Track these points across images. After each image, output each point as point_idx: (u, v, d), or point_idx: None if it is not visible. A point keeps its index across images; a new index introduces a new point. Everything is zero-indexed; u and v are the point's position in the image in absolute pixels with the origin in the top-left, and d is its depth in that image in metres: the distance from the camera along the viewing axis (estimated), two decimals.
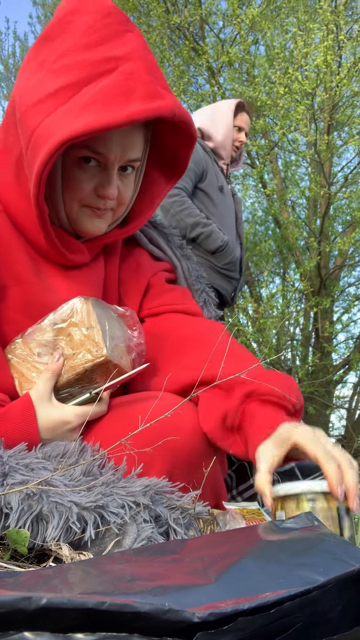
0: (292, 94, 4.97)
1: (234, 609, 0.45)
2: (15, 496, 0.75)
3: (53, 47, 0.91)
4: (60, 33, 0.92)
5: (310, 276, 6.21)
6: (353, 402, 7.24)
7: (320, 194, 5.88)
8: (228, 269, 2.57)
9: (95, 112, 0.85)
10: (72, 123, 0.84)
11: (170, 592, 0.48)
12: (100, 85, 0.87)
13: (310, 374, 6.43)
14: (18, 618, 0.43)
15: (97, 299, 1.01)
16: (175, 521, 0.83)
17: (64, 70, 0.88)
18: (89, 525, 0.76)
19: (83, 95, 0.86)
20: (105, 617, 0.44)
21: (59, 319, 0.97)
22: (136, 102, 0.87)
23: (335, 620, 0.51)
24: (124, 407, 0.99)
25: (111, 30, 0.91)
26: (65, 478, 0.81)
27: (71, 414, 0.94)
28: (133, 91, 0.87)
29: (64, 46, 0.90)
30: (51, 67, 0.90)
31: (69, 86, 0.88)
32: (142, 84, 0.88)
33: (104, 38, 0.90)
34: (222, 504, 1.08)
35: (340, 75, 4.90)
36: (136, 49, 0.91)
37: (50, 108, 0.87)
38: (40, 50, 0.93)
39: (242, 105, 2.68)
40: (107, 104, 0.85)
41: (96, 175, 0.97)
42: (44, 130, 0.86)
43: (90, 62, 0.88)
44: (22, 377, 0.97)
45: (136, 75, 0.88)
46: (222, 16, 6.04)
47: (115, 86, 0.87)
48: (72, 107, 0.86)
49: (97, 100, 0.86)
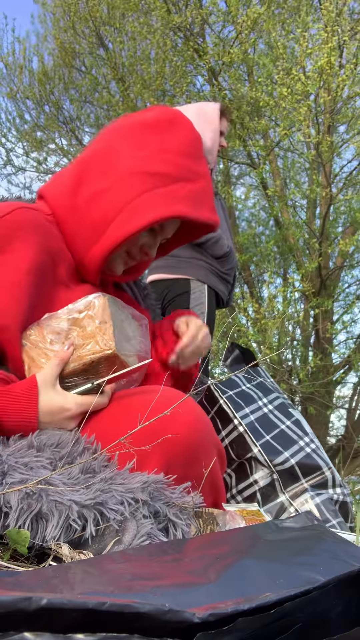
0: (294, 94, 4.97)
1: (234, 609, 0.45)
2: (14, 495, 0.75)
3: (157, 138, 1.19)
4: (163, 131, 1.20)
5: (310, 277, 6.21)
6: (353, 402, 7.23)
7: (321, 195, 5.88)
8: (228, 274, 2.61)
9: (186, 206, 1.16)
10: (174, 206, 1.13)
11: (170, 592, 0.48)
12: (187, 188, 1.17)
13: (310, 375, 6.42)
14: (18, 618, 0.43)
15: (115, 298, 1.09)
16: (175, 515, 0.83)
17: (166, 162, 1.16)
18: (88, 523, 0.76)
19: (178, 189, 1.16)
20: (105, 618, 0.43)
21: (75, 310, 1.02)
22: (207, 210, 1.21)
23: (335, 620, 0.51)
24: (123, 400, 1.03)
25: (199, 152, 1.23)
26: (64, 476, 0.82)
27: (72, 402, 0.99)
28: (205, 202, 1.21)
29: (167, 144, 1.18)
30: (155, 153, 1.16)
31: (168, 176, 1.15)
32: (209, 199, 1.22)
33: (196, 155, 1.21)
34: (220, 501, 1.08)
35: (342, 77, 4.90)
36: (208, 172, 1.24)
37: (150, 185, 1.13)
38: (144, 135, 1.19)
39: (223, 110, 2.71)
40: (194, 204, 1.17)
41: (148, 237, 1.22)
42: (146, 202, 1.12)
43: (186, 168, 1.17)
44: (32, 362, 1.01)
45: (208, 192, 1.22)
46: (223, 16, 6.03)
47: (198, 194, 1.18)
48: (172, 195, 1.14)
49: (188, 198, 1.16)
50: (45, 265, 1.10)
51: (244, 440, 1.56)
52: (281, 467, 1.52)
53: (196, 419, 0.97)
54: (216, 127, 2.65)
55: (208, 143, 2.65)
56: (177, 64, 6.29)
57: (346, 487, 1.60)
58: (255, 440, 1.54)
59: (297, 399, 6.83)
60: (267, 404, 1.67)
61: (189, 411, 0.97)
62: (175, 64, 6.30)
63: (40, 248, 1.09)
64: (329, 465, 1.57)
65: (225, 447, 1.59)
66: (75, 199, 1.17)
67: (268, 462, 1.49)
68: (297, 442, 1.59)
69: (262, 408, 1.64)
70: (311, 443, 1.59)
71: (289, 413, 1.68)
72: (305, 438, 1.59)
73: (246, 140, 6.15)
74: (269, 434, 1.58)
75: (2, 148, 7.05)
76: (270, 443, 1.56)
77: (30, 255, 1.07)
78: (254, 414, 1.60)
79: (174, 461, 0.93)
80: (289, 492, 1.49)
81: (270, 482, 1.50)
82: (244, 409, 1.61)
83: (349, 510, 1.54)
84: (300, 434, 1.61)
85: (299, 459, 1.54)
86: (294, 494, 1.48)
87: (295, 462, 1.52)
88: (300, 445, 1.58)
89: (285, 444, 1.57)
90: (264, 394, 1.70)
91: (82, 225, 1.15)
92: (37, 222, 1.12)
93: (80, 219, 1.16)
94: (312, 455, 1.56)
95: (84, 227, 1.15)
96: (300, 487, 1.50)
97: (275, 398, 1.72)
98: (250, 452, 1.53)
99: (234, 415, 1.58)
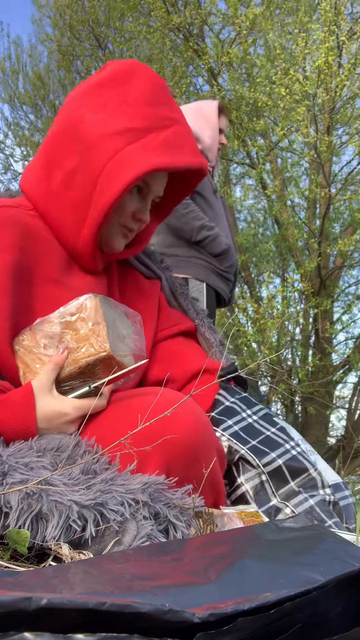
0: (292, 94, 4.97)
1: (234, 610, 0.45)
2: (14, 495, 0.75)
3: (116, 94, 1.10)
4: (121, 85, 1.11)
5: (310, 276, 6.21)
6: (353, 402, 7.24)
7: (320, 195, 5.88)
8: (228, 272, 2.59)
9: (166, 155, 1.08)
10: (149, 161, 1.05)
11: (170, 592, 0.48)
12: (162, 136, 1.09)
13: (310, 375, 6.42)
14: (18, 618, 0.43)
15: (106, 297, 1.06)
16: (175, 517, 0.83)
17: (132, 115, 1.08)
18: (89, 523, 0.76)
19: (152, 140, 1.08)
20: (105, 618, 0.43)
21: (67, 312, 1.00)
22: (188, 154, 1.12)
23: (335, 620, 0.51)
24: (123, 402, 1.02)
25: (165, 97, 1.15)
26: (64, 477, 0.82)
27: (70, 406, 0.97)
28: (185, 146, 1.12)
29: (127, 96, 1.10)
30: (117, 109, 1.08)
31: (137, 129, 1.07)
32: (188, 142, 1.15)
33: (162, 101, 1.13)
34: (221, 502, 1.08)
35: (341, 77, 4.90)
36: (182, 116, 1.17)
37: (122, 143, 1.06)
38: (102, 93, 1.11)
39: (221, 107, 2.70)
40: (172, 151, 1.09)
41: (136, 201, 1.15)
42: (121, 161, 1.04)
43: (154, 116, 1.09)
44: (26, 368, 1.00)
45: (185, 135, 1.14)
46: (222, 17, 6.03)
47: (174, 139, 1.10)
48: (146, 147, 1.06)
49: (164, 146, 1.08)
50: (24, 266, 1.06)
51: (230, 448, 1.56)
52: (269, 467, 1.52)
53: (196, 419, 0.97)
54: (215, 124, 2.65)
55: (207, 141, 2.64)
56: (176, 64, 6.28)
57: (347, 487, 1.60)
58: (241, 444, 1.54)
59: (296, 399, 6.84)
60: (252, 415, 1.67)
61: (189, 412, 0.96)
62: (174, 64, 6.30)
63: (15, 249, 1.05)
64: (315, 467, 1.57)
65: None
66: (49, 186, 1.12)
67: (256, 461, 1.50)
68: (283, 445, 1.60)
69: (247, 419, 1.64)
70: (297, 447, 1.60)
71: (273, 421, 1.68)
72: (291, 442, 1.60)
73: (245, 140, 6.14)
74: (255, 440, 1.58)
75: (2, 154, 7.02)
76: (256, 446, 1.56)
77: (4, 257, 1.04)
78: (237, 425, 1.60)
79: (174, 462, 0.93)
80: (281, 495, 1.49)
81: (260, 483, 1.50)
82: (226, 421, 1.61)
83: (341, 511, 1.54)
84: (285, 438, 1.61)
85: (285, 459, 1.54)
86: (285, 497, 1.48)
87: (282, 462, 1.53)
88: (286, 448, 1.59)
89: (271, 447, 1.57)
90: (247, 407, 1.70)
91: (64, 211, 1.11)
92: (9, 222, 1.08)
93: (61, 204, 1.11)
94: (298, 457, 1.57)
95: (66, 212, 1.10)
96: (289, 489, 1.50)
97: (260, 409, 1.72)
98: (238, 454, 1.53)
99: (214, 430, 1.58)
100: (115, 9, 6.48)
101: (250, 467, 1.50)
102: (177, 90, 6.10)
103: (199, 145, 2.64)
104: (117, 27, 6.57)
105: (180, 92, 6.09)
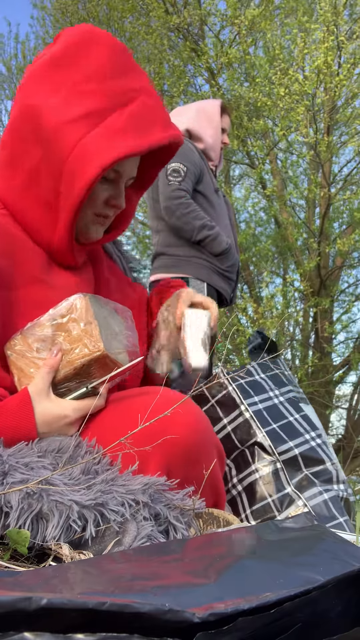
0: (292, 95, 4.97)
1: (234, 609, 0.45)
2: (15, 495, 0.75)
3: (70, 72, 1.00)
4: (75, 60, 1.01)
5: (310, 276, 6.21)
6: (353, 402, 7.24)
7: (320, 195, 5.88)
8: (229, 271, 2.58)
9: (132, 138, 0.98)
10: (114, 148, 0.96)
11: (170, 592, 0.48)
12: (126, 114, 0.99)
13: (310, 374, 6.42)
14: (18, 618, 0.43)
15: (95, 295, 1.04)
16: (176, 518, 0.83)
17: (90, 95, 0.99)
18: (89, 524, 0.76)
19: (115, 121, 0.98)
20: (105, 617, 0.43)
21: (57, 314, 0.99)
22: (158, 129, 1.02)
23: (335, 620, 0.51)
24: (123, 402, 1.01)
25: (127, 65, 1.04)
26: (65, 477, 0.82)
27: (69, 408, 0.97)
28: (154, 120, 1.02)
29: (84, 72, 1.00)
30: (74, 90, 0.99)
31: (98, 111, 0.98)
32: (158, 115, 1.04)
33: (123, 71, 1.02)
34: (221, 502, 1.08)
35: (340, 76, 4.90)
36: (147, 82, 1.05)
37: (83, 129, 0.97)
38: (55, 73, 1.01)
39: (224, 106, 2.69)
40: (139, 131, 0.99)
41: (109, 188, 1.07)
42: (84, 151, 0.96)
43: (114, 91, 1.00)
44: (21, 373, 0.99)
45: (152, 107, 1.03)
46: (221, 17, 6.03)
47: (140, 115, 1.00)
48: (109, 131, 0.97)
49: (130, 127, 0.99)
50: (4, 270, 1.01)
51: (249, 425, 1.56)
52: (285, 455, 1.52)
53: (196, 419, 0.97)
54: (217, 124, 2.64)
55: (209, 140, 2.64)
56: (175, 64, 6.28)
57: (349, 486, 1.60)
58: (261, 426, 1.54)
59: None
60: (278, 396, 1.67)
61: (189, 412, 0.96)
62: (173, 64, 6.30)
63: None
64: (333, 461, 1.57)
65: (228, 434, 1.58)
66: (14, 184, 1.05)
67: (272, 449, 1.49)
68: (303, 435, 1.59)
69: (273, 399, 1.64)
70: (317, 438, 1.59)
71: (299, 407, 1.68)
72: (312, 433, 1.59)
73: (245, 140, 6.15)
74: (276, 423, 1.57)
75: None
76: (276, 431, 1.56)
77: None
78: (262, 403, 1.60)
79: (174, 462, 0.93)
80: (294, 483, 1.49)
81: (274, 471, 1.50)
82: (252, 397, 1.61)
83: (351, 508, 1.55)
84: (307, 428, 1.61)
85: (303, 450, 1.54)
86: (299, 485, 1.49)
87: (298, 453, 1.52)
88: (305, 438, 1.58)
89: (290, 434, 1.57)
90: (276, 386, 1.69)
91: (33, 208, 1.04)
92: None
93: (29, 202, 1.04)
94: (316, 449, 1.56)
95: (36, 210, 1.04)
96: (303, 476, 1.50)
97: (288, 391, 1.72)
98: (255, 438, 1.53)
99: (241, 402, 1.57)
100: (115, 8, 6.48)
101: (266, 454, 1.50)
102: (175, 90, 6.10)
103: (200, 145, 2.64)
104: (117, 28, 6.57)
105: (178, 91, 6.09)
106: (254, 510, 1.50)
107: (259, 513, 1.49)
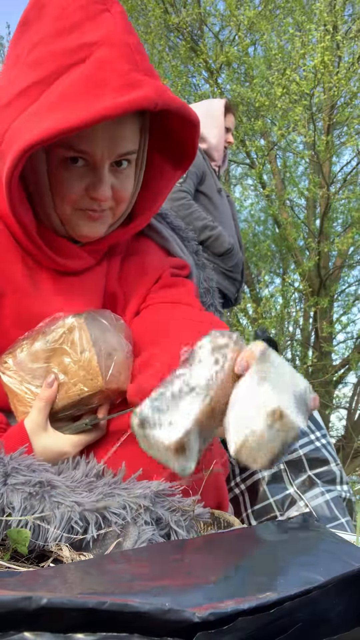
0: (290, 94, 4.97)
1: (234, 609, 0.45)
2: (17, 496, 0.75)
3: (28, 37, 0.84)
4: (35, 20, 0.84)
5: (309, 276, 6.22)
6: (353, 402, 7.24)
7: (319, 195, 5.88)
8: (233, 271, 2.57)
9: (62, 112, 0.77)
10: (37, 126, 0.77)
11: (170, 592, 0.48)
12: (69, 79, 0.78)
13: (310, 374, 6.43)
14: (18, 618, 0.43)
15: (90, 313, 0.94)
16: (177, 523, 0.83)
17: (35, 64, 0.81)
18: (90, 526, 0.76)
19: (51, 93, 0.79)
20: (105, 617, 0.44)
21: (51, 340, 0.91)
22: (109, 95, 0.78)
23: (335, 620, 0.51)
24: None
25: (85, 13, 0.81)
26: (67, 480, 0.82)
27: (68, 444, 0.92)
28: (105, 83, 0.78)
29: (37, 35, 0.82)
30: (25, 61, 0.83)
31: (39, 82, 0.80)
32: (116, 73, 0.79)
33: (76, 23, 0.80)
34: (224, 503, 1.08)
35: (338, 76, 4.90)
36: (113, 31, 0.81)
37: (20, 108, 0.81)
38: (18, 42, 0.86)
39: (228, 105, 2.69)
40: (76, 101, 0.77)
41: (86, 175, 0.89)
42: (12, 135, 0.81)
43: (61, 53, 0.79)
44: (15, 397, 0.94)
45: (109, 63, 0.79)
46: (220, 17, 6.04)
47: (85, 79, 0.78)
48: (40, 107, 0.79)
49: (65, 98, 0.78)
50: None
51: None
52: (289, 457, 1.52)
53: None
54: (221, 123, 2.63)
55: (213, 140, 2.63)
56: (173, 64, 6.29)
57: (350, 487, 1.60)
58: None
59: None
60: None
61: None
62: (171, 63, 6.30)
63: None
64: (337, 462, 1.57)
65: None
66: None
67: None
68: (308, 435, 1.59)
69: None
70: (322, 438, 1.59)
71: None
72: (317, 432, 1.59)
73: (244, 140, 6.15)
74: None
75: None
76: None
77: None
78: None
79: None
80: (297, 484, 1.49)
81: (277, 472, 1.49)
82: None
83: (352, 508, 1.55)
84: (312, 427, 1.61)
85: (307, 450, 1.54)
86: (301, 485, 1.49)
87: (303, 453, 1.52)
88: (310, 439, 1.58)
89: None
90: None
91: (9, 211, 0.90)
92: None
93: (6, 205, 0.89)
94: (321, 449, 1.56)
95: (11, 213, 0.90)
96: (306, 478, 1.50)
97: None
98: None
99: None
100: None
101: None
102: (174, 89, 6.10)
103: (203, 145, 2.63)
104: None
105: (175, 90, 6.09)
106: (255, 510, 1.50)
107: (260, 513, 1.49)
